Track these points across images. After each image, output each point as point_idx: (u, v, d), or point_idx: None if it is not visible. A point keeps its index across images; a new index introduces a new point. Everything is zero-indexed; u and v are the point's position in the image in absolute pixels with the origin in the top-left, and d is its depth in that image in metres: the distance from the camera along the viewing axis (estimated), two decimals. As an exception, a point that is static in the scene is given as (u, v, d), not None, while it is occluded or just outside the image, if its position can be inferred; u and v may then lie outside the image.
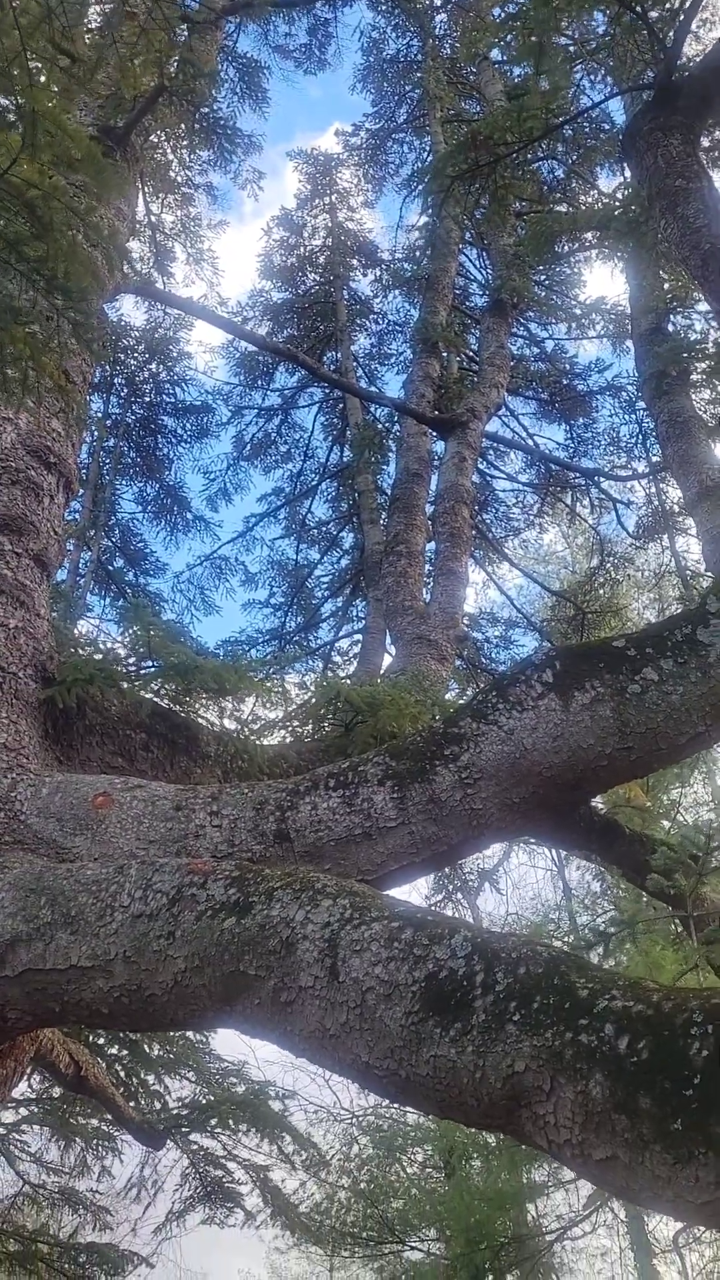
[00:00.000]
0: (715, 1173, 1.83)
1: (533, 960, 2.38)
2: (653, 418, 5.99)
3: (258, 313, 13.65)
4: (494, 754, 3.58)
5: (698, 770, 13.97)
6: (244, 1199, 8.52)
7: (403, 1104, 2.45)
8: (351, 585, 11.27)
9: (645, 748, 3.51)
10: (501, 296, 8.74)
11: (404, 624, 6.97)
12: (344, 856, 3.62)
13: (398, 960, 2.54)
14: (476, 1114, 2.33)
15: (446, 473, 7.43)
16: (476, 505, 12.35)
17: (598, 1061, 2.07)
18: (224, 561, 11.98)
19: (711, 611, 3.66)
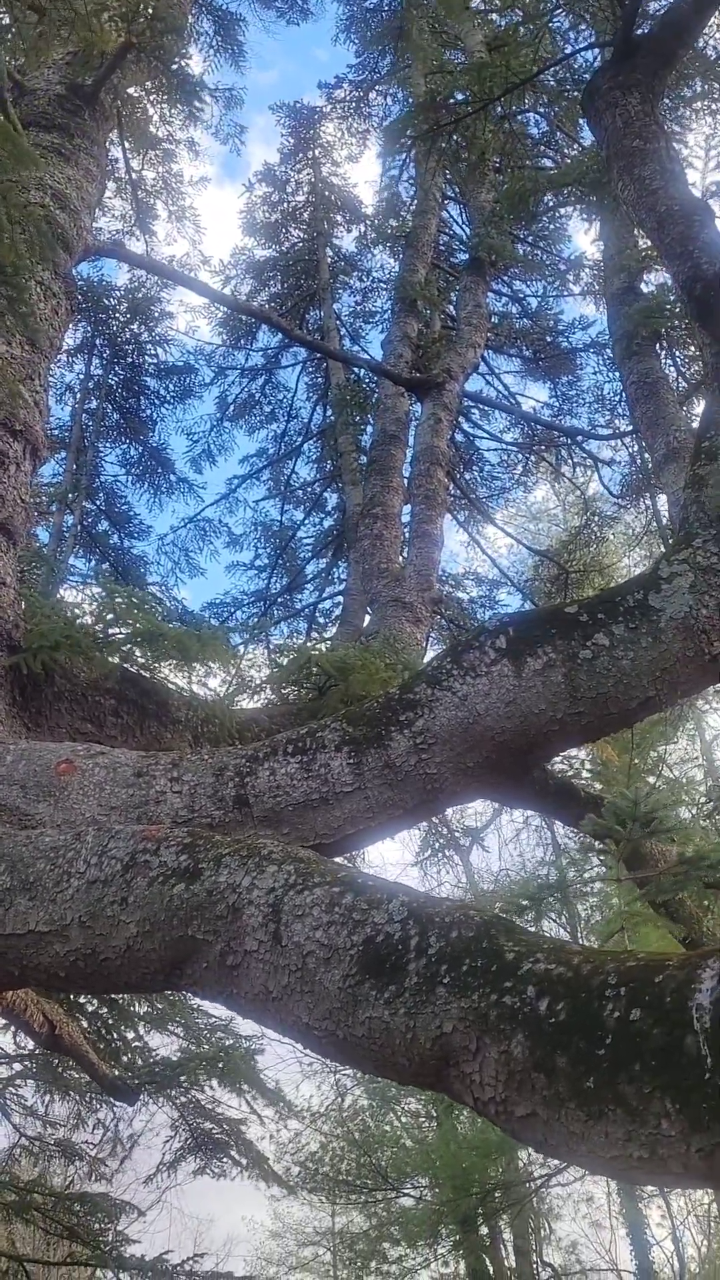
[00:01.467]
0: (624, 1129, 1.90)
1: (465, 925, 2.44)
2: (623, 379, 5.97)
3: (240, 270, 13.53)
4: (448, 720, 3.63)
5: (683, 728, 14.08)
6: (232, 1149, 8.73)
7: (341, 1063, 2.53)
8: (334, 547, 11.28)
9: (596, 712, 3.56)
10: (479, 254, 8.65)
11: (379, 587, 7.00)
12: (302, 821, 3.68)
13: (338, 925, 2.60)
14: (408, 1073, 2.40)
15: (422, 435, 7.41)
16: (460, 465, 12.33)
17: (520, 1023, 2.13)
18: (208, 523, 11.99)
19: (663, 577, 3.69)
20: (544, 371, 11.91)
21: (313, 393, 12.79)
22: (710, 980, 1.85)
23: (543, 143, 11.07)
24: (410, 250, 9.34)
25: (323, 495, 12.28)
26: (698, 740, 17.08)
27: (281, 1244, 25.22)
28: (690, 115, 6.62)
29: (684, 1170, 1.82)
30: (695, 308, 3.67)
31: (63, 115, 6.74)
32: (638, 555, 14.20)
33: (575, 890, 12.33)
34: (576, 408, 12.21)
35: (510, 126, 8.40)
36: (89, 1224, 9.49)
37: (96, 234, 9.16)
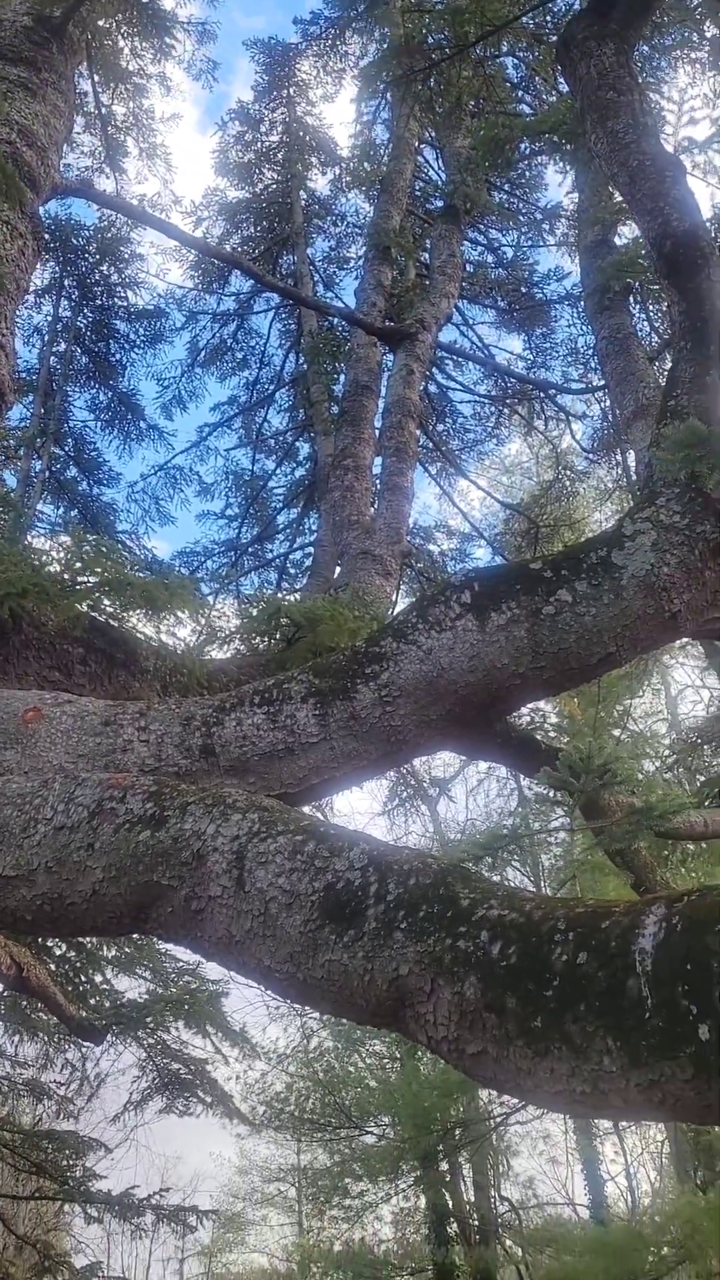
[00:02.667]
0: (568, 1065, 1.99)
1: (423, 872, 2.51)
2: (594, 333, 5.96)
3: (213, 212, 13.27)
4: (412, 673, 3.68)
5: (647, 682, 14.28)
6: (198, 1089, 8.93)
7: (301, 1004, 2.61)
8: (306, 497, 11.24)
9: (557, 667, 3.63)
10: (454, 202, 8.55)
11: (350, 539, 7.01)
12: (268, 770, 3.73)
13: (300, 871, 2.67)
14: (366, 1013, 2.49)
15: (394, 386, 7.38)
16: (433, 417, 12.28)
17: (473, 965, 2.22)
18: (179, 471, 11.89)
19: (627, 534, 3.74)
20: (518, 323, 11.84)
21: (285, 339, 12.65)
22: (653, 926, 1.93)
23: (520, 87, 10.90)
24: (385, 196, 9.21)
25: (295, 445, 12.21)
26: (662, 694, 17.32)
27: (247, 1180, 25.88)
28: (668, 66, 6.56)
29: (624, 1103, 1.91)
30: (664, 265, 3.68)
31: (29, 48, 6.57)
32: (608, 510, 14.27)
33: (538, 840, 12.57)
34: (550, 360, 12.18)
35: (487, 70, 8.27)
36: (57, 1160, 9.70)
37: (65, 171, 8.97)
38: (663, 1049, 1.80)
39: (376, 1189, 17.36)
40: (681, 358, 3.80)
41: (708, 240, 3.70)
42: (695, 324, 3.71)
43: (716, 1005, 1.71)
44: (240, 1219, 27.80)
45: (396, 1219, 20.40)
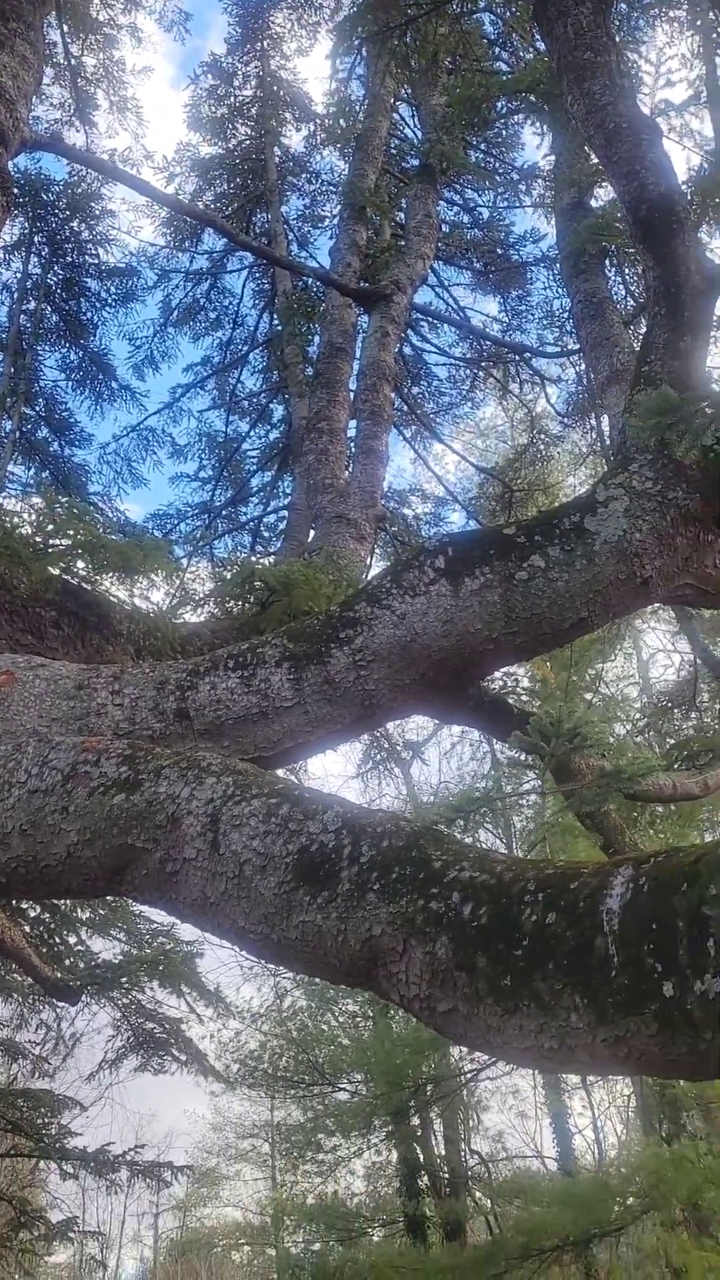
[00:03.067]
0: (537, 1021, 2.04)
1: (395, 835, 2.54)
2: (569, 297, 5.93)
3: (185, 168, 13.04)
4: (386, 637, 3.70)
5: (619, 646, 14.38)
6: (173, 1047, 9.04)
7: (275, 964, 2.65)
8: (280, 460, 11.16)
9: (530, 633, 3.66)
10: (430, 161, 8.44)
11: (324, 502, 6.99)
12: (242, 734, 3.75)
13: (274, 834, 2.70)
14: (340, 973, 2.53)
15: (368, 348, 7.32)
16: (408, 380, 12.21)
17: (444, 926, 2.26)
18: (151, 433, 11.76)
19: (600, 500, 3.76)
20: (494, 285, 11.76)
21: (259, 299, 12.50)
22: (621, 886, 1.97)
23: (498, 44, 10.74)
24: (360, 154, 9.08)
25: (269, 407, 12.11)
26: (634, 659, 17.46)
27: (221, 1136, 26.29)
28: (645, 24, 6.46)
29: (590, 1059, 1.96)
30: (640, 229, 3.67)
31: (-4, -4, 6.40)
32: (583, 475, 14.30)
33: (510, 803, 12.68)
34: (526, 323, 12.12)
35: (464, 26, 8.13)
36: (32, 1119, 9.80)
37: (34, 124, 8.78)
38: (628, 1006, 1.84)
39: (349, 1144, 17.67)
40: (656, 323, 3.80)
41: (683, 205, 3.69)
42: (670, 289, 3.71)
43: (681, 963, 1.75)
44: (215, 1174, 28.29)
45: (369, 1173, 20.81)
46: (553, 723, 2.50)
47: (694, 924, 1.75)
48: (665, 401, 2.96)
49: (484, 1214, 17.38)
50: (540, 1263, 10.77)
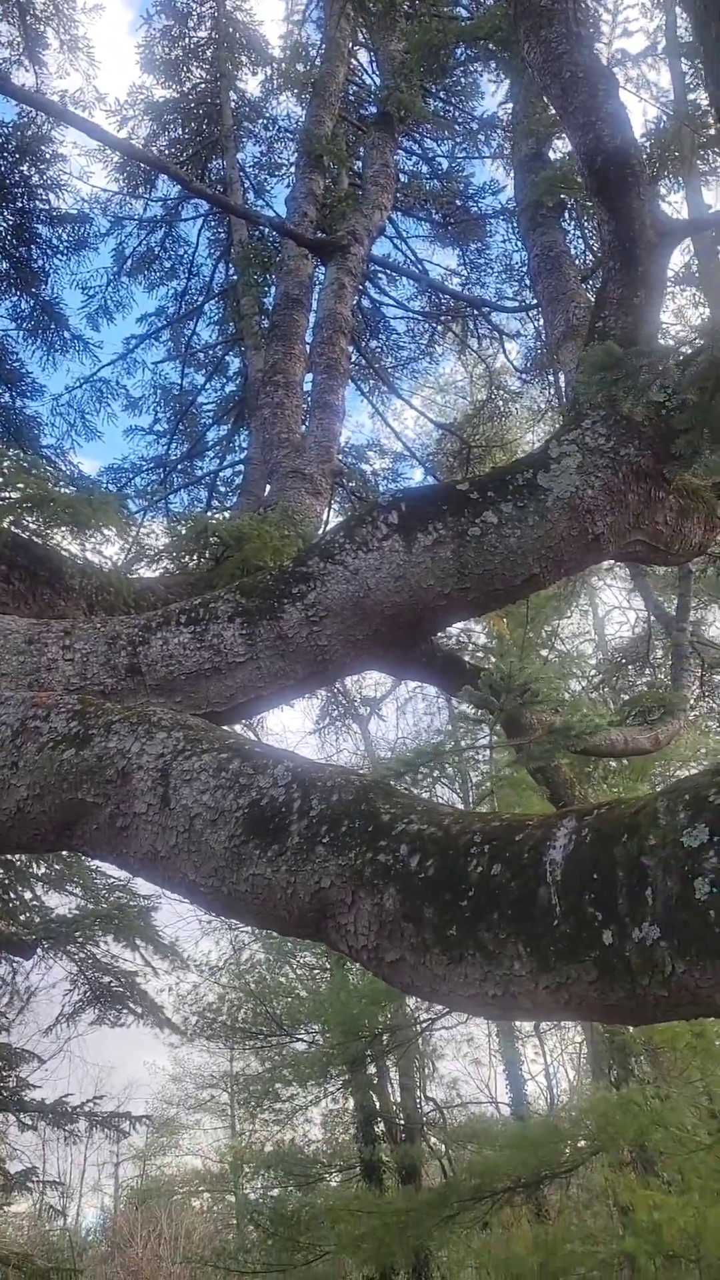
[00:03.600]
0: (481, 970, 2.07)
1: (345, 788, 2.56)
2: (526, 250, 5.88)
3: (138, 111, 12.69)
4: (339, 593, 3.70)
5: (575, 604, 14.50)
6: (129, 1000, 9.10)
7: (226, 917, 2.66)
8: (236, 413, 11.03)
9: (482, 588, 3.67)
10: (388, 109, 8.28)
11: (279, 457, 6.92)
12: (194, 690, 3.74)
13: (224, 788, 2.70)
14: (290, 925, 2.55)
15: (325, 300, 7.22)
16: (366, 333, 12.09)
17: (392, 878, 2.28)
18: (105, 385, 11.54)
19: (553, 457, 3.76)
20: (453, 237, 11.63)
21: (215, 249, 12.26)
22: (564, 838, 2.00)
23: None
24: (316, 100, 8.88)
25: (225, 359, 11.93)
26: (590, 616, 17.61)
27: (181, 1087, 26.64)
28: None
29: (533, 1005, 2.00)
30: (595, 182, 3.64)
31: None
32: (541, 431, 14.28)
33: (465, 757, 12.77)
34: (485, 277, 12.01)
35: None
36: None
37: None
38: (569, 954, 1.88)
39: (306, 1093, 17.97)
40: (610, 278, 3.79)
41: (639, 158, 3.66)
42: (624, 244, 3.70)
43: (620, 912, 1.79)
44: (174, 1124, 28.70)
45: (326, 1120, 21.20)
46: (502, 678, 2.52)
47: (633, 873, 1.79)
48: (609, 357, 2.95)
49: (439, 1158, 17.80)
50: (492, 1204, 11.07)
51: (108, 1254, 27.18)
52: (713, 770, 1.79)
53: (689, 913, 1.65)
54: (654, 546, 3.87)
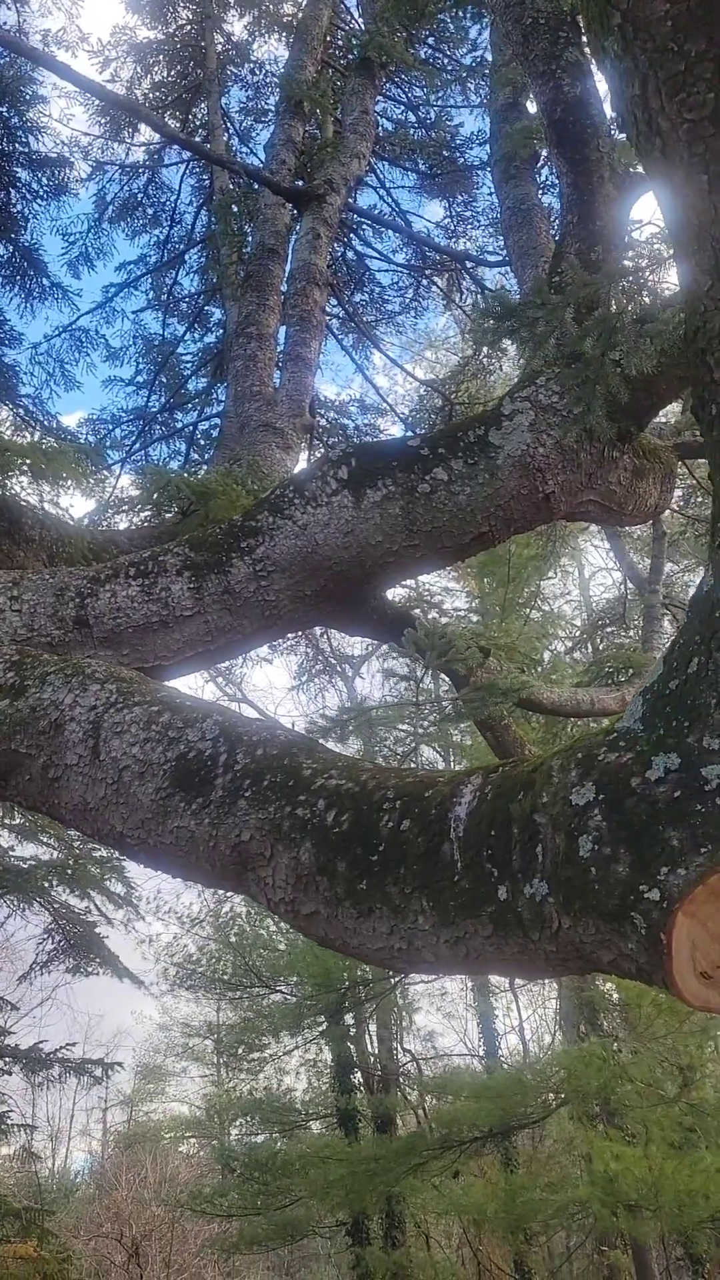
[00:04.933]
0: (388, 924, 2.09)
1: (270, 743, 2.56)
2: (499, 203, 5.78)
3: (122, 53, 12.41)
4: (287, 548, 3.68)
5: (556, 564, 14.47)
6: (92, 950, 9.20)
7: (153, 868, 2.67)
8: (215, 364, 10.91)
9: (430, 545, 3.65)
10: (369, 54, 8.10)
11: (251, 410, 6.85)
12: (141, 643, 3.73)
13: (154, 741, 2.70)
14: (212, 877, 2.57)
15: (299, 251, 7.11)
16: (350, 286, 11.93)
17: (309, 832, 2.29)
18: (84, 334, 11.38)
19: (505, 414, 3.73)
20: (440, 188, 11.44)
21: (198, 196, 12.04)
22: (469, 795, 2.01)
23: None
24: (299, 44, 8.69)
25: (205, 309, 11.75)
26: (575, 576, 17.59)
27: (169, 1035, 27.07)
28: None
29: (435, 958, 2.02)
30: (554, 133, 3.57)
31: None
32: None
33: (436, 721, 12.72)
34: (471, 230, 11.81)
35: None
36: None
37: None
38: (468, 908, 1.89)
39: (281, 1044, 18.24)
40: (568, 233, 3.73)
41: (599, 109, 3.59)
42: (583, 196, 3.64)
43: (514, 868, 1.80)
44: (162, 1071, 29.20)
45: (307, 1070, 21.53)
46: (427, 634, 2.51)
47: (526, 830, 1.79)
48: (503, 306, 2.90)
49: (413, 1108, 18.12)
50: (460, 1153, 11.29)
51: (94, 1196, 27.73)
52: (607, 729, 1.79)
53: (573, 869, 1.66)
54: (606, 507, 3.85)
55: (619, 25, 1.15)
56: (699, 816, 1.52)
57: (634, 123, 1.23)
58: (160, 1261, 21.99)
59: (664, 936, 1.47)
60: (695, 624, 1.64)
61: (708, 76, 1.11)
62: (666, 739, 1.64)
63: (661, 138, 1.20)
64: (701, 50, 1.11)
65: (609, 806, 1.64)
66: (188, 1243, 22.83)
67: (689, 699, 1.62)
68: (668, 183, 1.23)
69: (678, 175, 1.21)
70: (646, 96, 1.18)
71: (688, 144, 1.18)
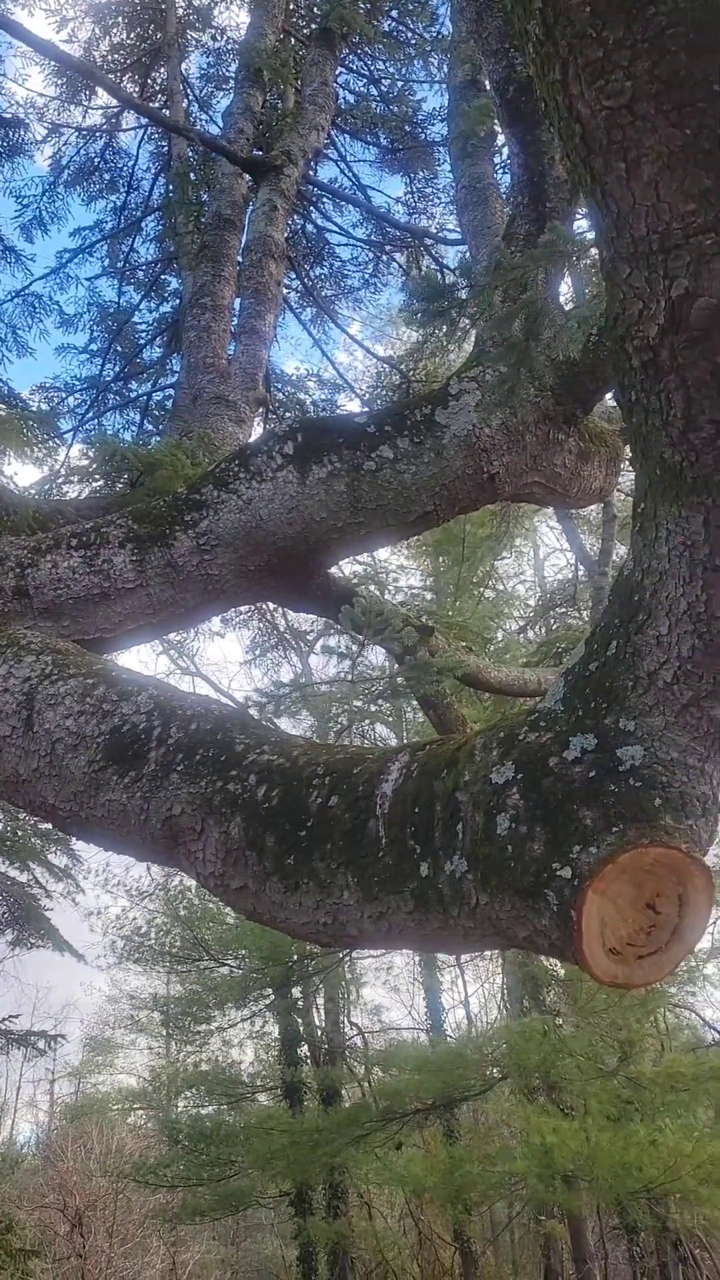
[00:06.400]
0: (314, 899, 2.11)
1: (204, 717, 2.56)
2: (455, 181, 5.76)
3: (80, 11, 12.16)
4: (231, 522, 3.67)
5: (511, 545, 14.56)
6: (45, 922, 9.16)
7: (85, 841, 2.67)
8: (172, 334, 10.77)
9: (375, 523, 3.65)
10: (329, 25, 8.01)
11: (204, 382, 6.78)
12: (82, 615, 3.70)
13: (88, 714, 2.69)
14: (144, 850, 2.57)
15: (255, 222, 7.03)
16: (310, 260, 11.83)
17: (239, 807, 2.30)
18: (38, 299, 11.19)
19: (452, 393, 3.73)
20: (401, 164, 11.36)
21: (156, 162, 11.85)
22: (396, 773, 2.03)
23: None
24: (259, 11, 8.55)
25: (162, 277, 11.60)
26: (532, 556, 17.70)
27: (118, 1008, 27.09)
28: None
29: (359, 934, 2.04)
30: (506, 112, 3.56)
31: None
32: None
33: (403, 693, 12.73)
34: (432, 207, 11.74)
35: None
36: None
37: None
38: (391, 884, 1.92)
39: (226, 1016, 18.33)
40: (518, 214, 3.73)
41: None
42: (533, 178, 3.64)
43: (435, 844, 1.82)
44: (110, 1043, 29.23)
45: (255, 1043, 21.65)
46: (364, 611, 2.52)
47: (448, 808, 1.81)
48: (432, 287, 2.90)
49: (358, 1081, 18.30)
50: (401, 1125, 11.43)
51: (39, 1168, 27.74)
52: (529, 710, 1.81)
53: (491, 847, 1.69)
54: (551, 489, 3.87)
55: (540, 9, 1.16)
56: (612, 796, 1.55)
57: (555, 108, 1.23)
58: (104, 1232, 22.07)
59: (574, 913, 1.50)
60: (615, 607, 1.66)
61: (625, 64, 1.12)
62: (585, 720, 1.66)
63: (581, 124, 1.21)
64: (619, 38, 1.11)
65: (527, 785, 1.66)
66: (132, 1213, 22.92)
67: (607, 681, 1.64)
68: (588, 169, 1.24)
69: (597, 162, 1.22)
70: (567, 82, 1.18)
71: (606, 131, 1.18)
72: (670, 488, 1.45)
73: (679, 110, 1.13)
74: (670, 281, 1.23)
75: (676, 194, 1.18)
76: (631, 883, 1.51)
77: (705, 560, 1.46)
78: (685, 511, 1.45)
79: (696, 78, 1.11)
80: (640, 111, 1.14)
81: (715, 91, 1.11)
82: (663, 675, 1.57)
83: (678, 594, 1.51)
